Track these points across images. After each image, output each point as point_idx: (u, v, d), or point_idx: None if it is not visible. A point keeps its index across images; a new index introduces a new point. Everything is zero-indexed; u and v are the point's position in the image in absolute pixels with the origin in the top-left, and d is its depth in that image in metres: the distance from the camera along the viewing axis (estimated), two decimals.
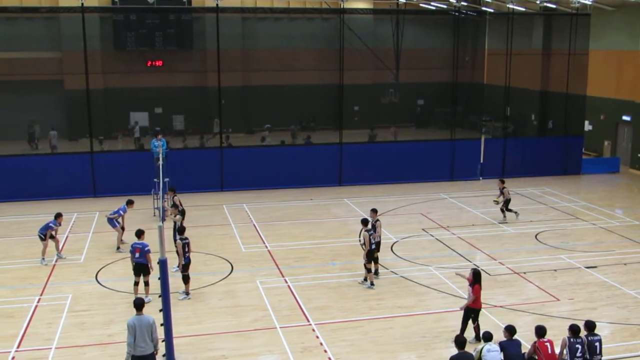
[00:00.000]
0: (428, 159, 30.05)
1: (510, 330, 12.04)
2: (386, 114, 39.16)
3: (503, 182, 23.93)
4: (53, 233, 19.51)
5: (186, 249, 16.64)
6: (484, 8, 37.02)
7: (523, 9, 34.67)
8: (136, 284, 16.48)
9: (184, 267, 16.65)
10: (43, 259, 19.32)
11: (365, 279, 17.51)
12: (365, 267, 17.46)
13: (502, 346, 11.76)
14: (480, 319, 14.27)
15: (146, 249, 16.39)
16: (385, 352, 13.91)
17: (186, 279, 16.70)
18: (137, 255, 16.36)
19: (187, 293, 16.72)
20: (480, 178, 30.52)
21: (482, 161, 30.79)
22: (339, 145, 29.48)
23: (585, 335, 11.86)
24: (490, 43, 40.62)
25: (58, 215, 19.79)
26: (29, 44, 33.47)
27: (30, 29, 33.25)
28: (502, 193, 23.58)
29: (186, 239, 16.82)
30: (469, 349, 11.86)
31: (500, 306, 16.14)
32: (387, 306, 16.30)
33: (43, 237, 19.33)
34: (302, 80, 36.23)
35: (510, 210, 23.64)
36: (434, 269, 18.79)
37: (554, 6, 34.05)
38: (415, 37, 38.46)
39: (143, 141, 32.84)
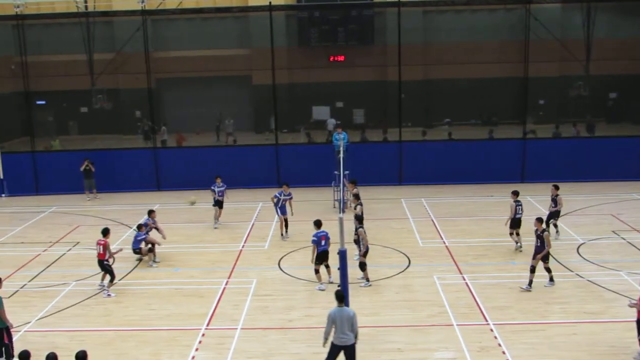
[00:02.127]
0: (620, 156, 27.98)
1: None
2: (574, 108, 36.94)
3: (557, 188, 20.44)
4: (221, 197, 22.67)
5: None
6: None
7: None
8: (317, 272, 17.04)
9: (365, 253, 17.17)
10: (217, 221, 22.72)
11: (551, 279, 16.95)
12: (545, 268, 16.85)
13: None
14: None
15: (327, 235, 17.16)
16: (568, 359, 13.19)
17: (362, 266, 17.09)
18: (322, 243, 16.94)
19: (367, 279, 17.10)
20: None
21: None
22: (522, 141, 28.35)
23: None
24: None
25: (217, 177, 22.91)
26: (221, 41, 35.63)
27: (223, 27, 35.36)
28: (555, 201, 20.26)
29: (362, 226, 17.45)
30: None
31: None
32: (572, 311, 15.45)
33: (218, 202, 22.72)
34: (484, 74, 35.17)
35: (555, 226, 20.55)
36: (625, 274, 17.48)
37: None
38: (609, 26, 35.80)
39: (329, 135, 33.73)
